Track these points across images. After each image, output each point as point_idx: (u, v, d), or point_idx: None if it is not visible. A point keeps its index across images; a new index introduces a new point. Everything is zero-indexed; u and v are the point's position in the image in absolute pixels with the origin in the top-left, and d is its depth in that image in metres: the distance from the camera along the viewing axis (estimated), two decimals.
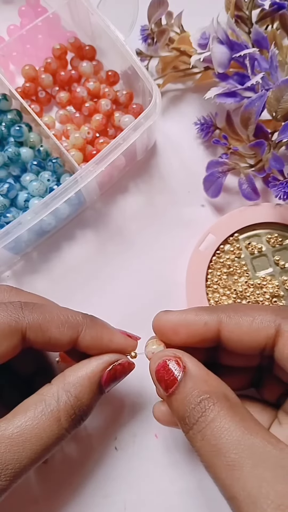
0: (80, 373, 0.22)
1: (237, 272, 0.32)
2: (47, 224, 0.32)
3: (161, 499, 0.29)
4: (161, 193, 0.35)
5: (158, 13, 0.35)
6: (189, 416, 0.19)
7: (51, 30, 0.36)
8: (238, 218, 0.33)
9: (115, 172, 0.34)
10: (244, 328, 0.21)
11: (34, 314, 0.22)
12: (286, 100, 0.30)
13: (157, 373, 0.21)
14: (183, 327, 0.22)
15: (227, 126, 0.35)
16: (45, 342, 0.22)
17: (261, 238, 0.33)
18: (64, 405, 0.21)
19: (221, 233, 0.32)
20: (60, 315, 0.22)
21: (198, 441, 0.18)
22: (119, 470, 0.29)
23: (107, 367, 0.22)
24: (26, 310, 0.22)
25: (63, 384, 0.21)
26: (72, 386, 0.21)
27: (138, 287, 0.33)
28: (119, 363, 0.23)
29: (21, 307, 0.22)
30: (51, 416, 0.20)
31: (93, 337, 0.23)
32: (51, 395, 0.21)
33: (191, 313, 0.22)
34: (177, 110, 0.37)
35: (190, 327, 0.22)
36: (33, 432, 0.20)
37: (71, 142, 0.34)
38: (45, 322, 0.22)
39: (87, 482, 0.29)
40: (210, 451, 0.18)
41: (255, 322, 0.21)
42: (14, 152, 0.32)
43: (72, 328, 0.22)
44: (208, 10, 0.33)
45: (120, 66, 0.35)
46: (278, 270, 0.32)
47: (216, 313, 0.22)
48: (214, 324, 0.22)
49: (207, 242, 0.32)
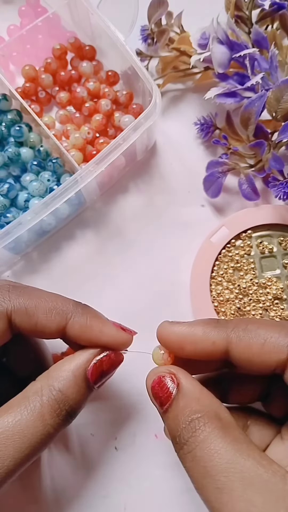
0: (64, 367, 0.21)
1: (244, 269, 0.32)
2: (47, 224, 0.32)
3: (161, 499, 0.29)
4: (161, 193, 0.35)
5: (158, 13, 0.35)
6: (179, 435, 0.18)
7: (51, 30, 0.36)
8: (254, 216, 0.33)
9: (115, 172, 0.34)
10: (254, 350, 0.20)
11: (21, 298, 0.21)
12: (286, 100, 0.30)
13: (153, 389, 0.20)
14: (189, 344, 0.21)
15: (227, 126, 0.35)
16: (31, 328, 0.21)
17: (274, 239, 0.33)
18: (48, 400, 0.20)
19: (234, 227, 0.33)
20: (49, 300, 0.22)
21: (188, 462, 0.18)
22: (119, 470, 0.30)
23: (92, 359, 0.21)
24: (13, 293, 0.21)
25: (47, 379, 0.21)
26: (55, 380, 0.20)
27: (138, 287, 0.33)
28: (106, 355, 0.22)
29: (8, 290, 0.21)
30: (34, 413, 0.19)
31: (82, 325, 0.22)
32: (35, 391, 0.20)
33: (198, 329, 0.21)
34: (177, 110, 0.37)
35: (197, 345, 0.21)
36: (15, 429, 0.19)
37: (71, 142, 0.34)
38: (32, 306, 0.21)
39: (87, 482, 0.29)
40: (200, 473, 0.17)
41: (267, 346, 0.20)
42: (14, 152, 0.32)
43: (60, 315, 0.21)
44: (208, 10, 0.33)
45: (120, 66, 0.35)
46: (285, 273, 0.32)
47: (225, 331, 0.21)
48: (223, 343, 0.20)
49: (219, 234, 0.32)
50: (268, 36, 0.32)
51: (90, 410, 0.31)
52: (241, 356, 0.20)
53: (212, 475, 0.17)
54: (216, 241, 0.32)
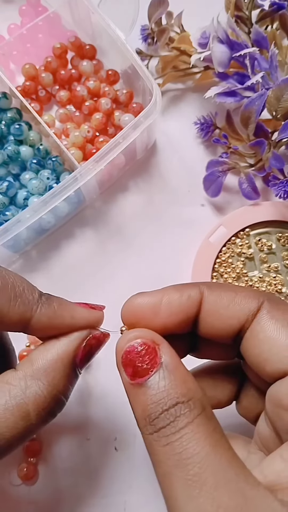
0: (50, 355, 0.19)
1: (243, 266, 0.32)
2: (47, 222, 0.32)
3: (161, 500, 0.29)
4: (161, 192, 0.35)
5: (158, 13, 0.35)
6: (158, 418, 0.16)
7: (52, 29, 0.36)
8: (252, 213, 0.33)
9: (114, 170, 0.34)
10: (225, 301, 0.19)
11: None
12: (286, 99, 0.30)
13: (127, 354, 0.17)
14: (165, 304, 0.19)
15: (227, 126, 0.35)
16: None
17: (272, 236, 0.33)
18: (34, 397, 0.17)
19: (232, 226, 0.33)
20: (16, 285, 0.19)
21: (160, 446, 0.16)
22: (119, 470, 0.29)
23: (81, 343, 0.19)
24: None
25: (31, 371, 0.18)
26: (43, 373, 0.18)
27: (137, 285, 0.33)
28: (93, 336, 0.20)
29: None
30: (17, 411, 0.17)
31: (51, 317, 0.19)
32: (17, 384, 0.18)
33: (171, 290, 0.19)
34: (177, 109, 0.37)
35: (173, 303, 0.19)
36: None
37: (71, 141, 0.34)
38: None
39: (87, 483, 0.29)
40: (171, 460, 0.15)
41: (238, 296, 0.19)
42: (13, 150, 0.32)
43: (25, 305, 0.19)
44: (208, 10, 0.33)
45: (120, 65, 0.35)
46: (285, 269, 0.32)
47: (198, 286, 0.19)
48: (198, 296, 0.19)
49: (217, 234, 0.32)
50: (268, 36, 0.32)
51: (89, 410, 0.30)
52: (212, 307, 0.19)
53: (185, 465, 0.15)
54: (214, 241, 0.32)
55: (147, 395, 0.16)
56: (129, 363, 0.17)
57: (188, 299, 0.19)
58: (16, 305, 0.18)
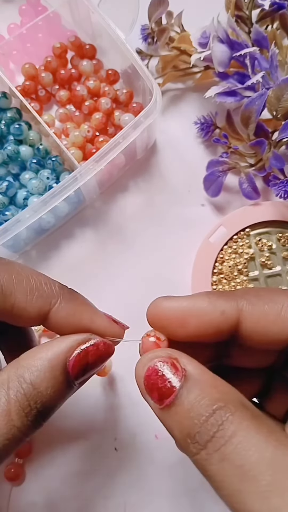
0: (39, 354, 0.17)
1: (244, 267, 0.32)
2: (46, 222, 0.32)
3: (161, 500, 0.29)
4: (161, 192, 0.35)
5: (159, 12, 0.35)
6: (200, 432, 0.14)
7: (52, 29, 0.36)
8: (251, 213, 0.33)
9: (114, 170, 0.34)
10: (271, 317, 0.16)
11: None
12: (286, 99, 0.30)
13: (147, 379, 0.16)
14: (194, 317, 0.17)
15: (227, 125, 0.35)
16: (6, 311, 0.17)
17: (272, 236, 0.33)
18: (16, 395, 0.16)
19: (232, 226, 0.33)
20: (31, 279, 0.18)
21: (214, 464, 0.14)
22: (119, 470, 0.29)
23: (75, 348, 0.17)
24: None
25: (16, 369, 0.17)
26: (27, 371, 0.16)
27: (137, 286, 0.33)
28: (93, 344, 0.18)
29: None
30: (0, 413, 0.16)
31: (70, 313, 0.18)
32: (0, 382, 0.16)
33: (202, 299, 0.17)
34: (177, 109, 0.37)
35: (203, 317, 0.17)
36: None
37: (71, 140, 0.34)
38: (10, 284, 0.17)
39: (87, 483, 0.29)
40: (234, 475, 0.13)
41: (285, 311, 0.16)
42: (13, 150, 0.32)
43: (43, 298, 0.18)
44: (208, 10, 0.33)
45: (120, 65, 0.35)
46: (285, 269, 0.32)
47: (235, 299, 0.17)
48: (234, 312, 0.17)
49: (217, 234, 0.32)
50: (268, 35, 0.32)
51: (89, 410, 0.30)
52: (255, 326, 0.17)
53: (254, 476, 0.13)
54: (214, 241, 0.32)
55: (179, 414, 0.15)
56: (152, 387, 0.16)
57: (221, 315, 0.17)
58: (33, 298, 0.17)
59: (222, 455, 0.14)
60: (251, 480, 0.13)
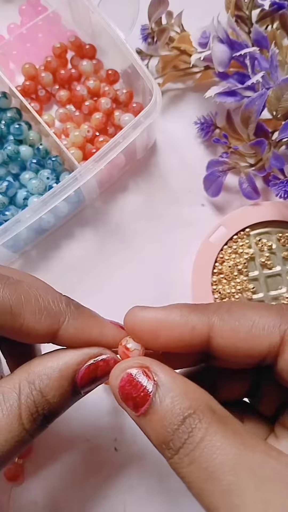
0: (50, 363, 0.18)
1: (244, 267, 0.32)
2: (46, 222, 0.32)
3: (161, 500, 0.29)
4: (161, 192, 0.35)
5: (158, 12, 0.35)
6: (173, 440, 0.15)
7: (52, 29, 0.36)
8: (251, 213, 0.33)
9: (114, 170, 0.34)
10: (241, 335, 0.17)
11: (6, 291, 0.17)
12: (286, 99, 0.30)
13: (122, 390, 0.16)
14: (165, 330, 0.17)
15: (227, 125, 0.35)
16: (15, 330, 0.18)
17: (272, 236, 0.33)
18: (26, 400, 0.17)
19: (232, 226, 0.33)
20: (39, 298, 0.18)
21: (185, 466, 0.15)
22: (119, 470, 0.29)
23: (86, 361, 0.18)
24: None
25: (27, 374, 0.17)
26: (37, 377, 0.17)
27: (137, 286, 0.33)
28: (103, 359, 0.18)
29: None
30: (11, 413, 0.16)
31: (78, 329, 0.18)
32: (12, 386, 0.17)
33: (174, 313, 0.18)
34: (177, 109, 0.37)
35: (174, 331, 0.17)
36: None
37: (71, 140, 0.34)
38: (19, 303, 0.17)
39: (87, 483, 0.29)
40: (201, 476, 0.14)
41: (256, 328, 0.17)
42: (13, 150, 0.32)
43: (51, 317, 0.18)
44: (208, 10, 0.33)
45: (120, 65, 0.35)
46: (285, 269, 0.32)
47: (207, 315, 0.18)
48: (204, 328, 0.17)
49: (217, 234, 0.32)
50: (268, 35, 0.32)
51: (89, 411, 0.30)
52: (226, 342, 0.17)
53: (217, 476, 0.14)
54: (214, 241, 0.32)
55: (154, 421, 0.16)
56: (127, 396, 0.16)
57: (192, 330, 0.17)
58: (42, 318, 0.18)
59: (191, 459, 0.15)
60: (214, 480, 0.14)
